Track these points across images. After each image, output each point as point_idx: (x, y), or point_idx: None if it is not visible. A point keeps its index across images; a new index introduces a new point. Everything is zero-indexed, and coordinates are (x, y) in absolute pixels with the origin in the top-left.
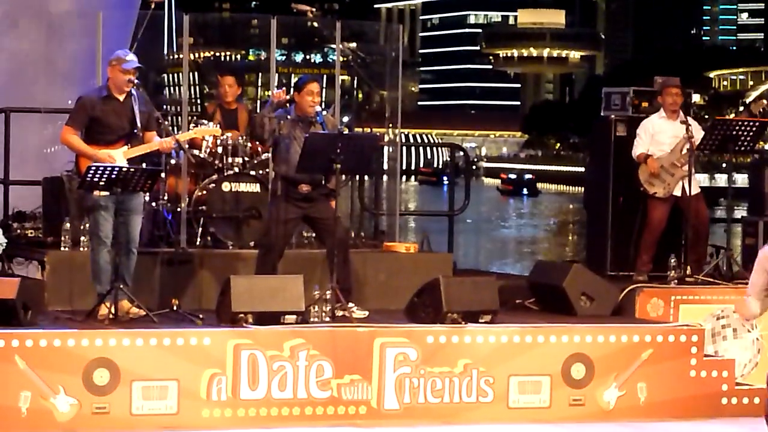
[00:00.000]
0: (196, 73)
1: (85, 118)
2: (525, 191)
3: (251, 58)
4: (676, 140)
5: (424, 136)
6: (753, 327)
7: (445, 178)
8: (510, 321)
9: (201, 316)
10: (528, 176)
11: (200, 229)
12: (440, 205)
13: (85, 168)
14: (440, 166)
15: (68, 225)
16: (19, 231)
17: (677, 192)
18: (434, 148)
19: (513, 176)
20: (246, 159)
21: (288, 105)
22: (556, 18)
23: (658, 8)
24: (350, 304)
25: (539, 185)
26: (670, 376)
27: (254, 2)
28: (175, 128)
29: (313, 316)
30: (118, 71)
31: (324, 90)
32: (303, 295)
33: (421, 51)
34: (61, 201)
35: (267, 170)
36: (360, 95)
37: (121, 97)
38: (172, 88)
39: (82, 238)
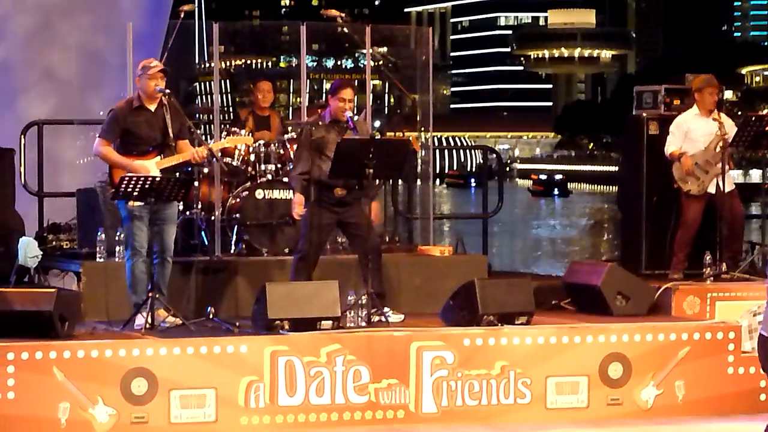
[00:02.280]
0: (227, 81)
1: (118, 129)
2: (556, 191)
3: (282, 65)
4: (710, 137)
5: (456, 139)
6: None
7: (472, 180)
8: (546, 322)
9: (237, 323)
10: (558, 177)
11: (234, 236)
12: (469, 207)
13: (119, 178)
14: (467, 169)
15: (103, 236)
16: (54, 243)
17: (712, 189)
18: (467, 151)
19: (544, 177)
20: (279, 166)
21: (320, 111)
22: (587, 18)
23: (689, 5)
24: (385, 309)
25: (570, 185)
26: (707, 373)
27: (284, 9)
28: (208, 137)
29: (349, 321)
30: (146, 79)
31: (356, 96)
32: (338, 301)
33: (452, 54)
34: (95, 212)
35: None
36: (391, 99)
37: (153, 107)
38: (203, 97)
39: (117, 249)
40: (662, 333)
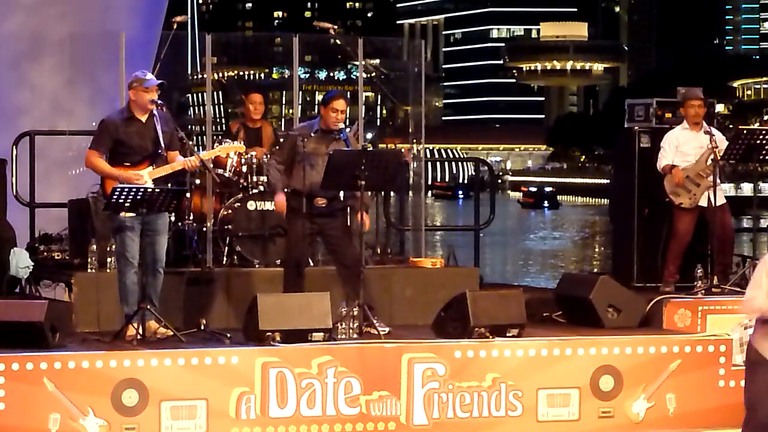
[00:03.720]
0: (219, 93)
1: (109, 140)
2: (546, 204)
3: (275, 76)
4: (701, 151)
5: (449, 151)
6: None
7: (459, 192)
8: (537, 334)
9: (228, 334)
10: (548, 189)
11: (226, 248)
12: (457, 218)
13: (111, 189)
14: (454, 181)
15: (95, 246)
16: (45, 253)
17: (703, 202)
18: (459, 163)
19: (533, 189)
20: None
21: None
22: (579, 30)
23: (681, 19)
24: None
25: (561, 197)
26: (698, 386)
27: (277, 21)
28: (200, 147)
29: (341, 333)
30: (141, 91)
31: (348, 106)
32: (330, 312)
33: (444, 66)
34: (87, 223)
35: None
36: (384, 111)
37: (144, 118)
38: (196, 108)
39: (109, 260)
40: (653, 346)
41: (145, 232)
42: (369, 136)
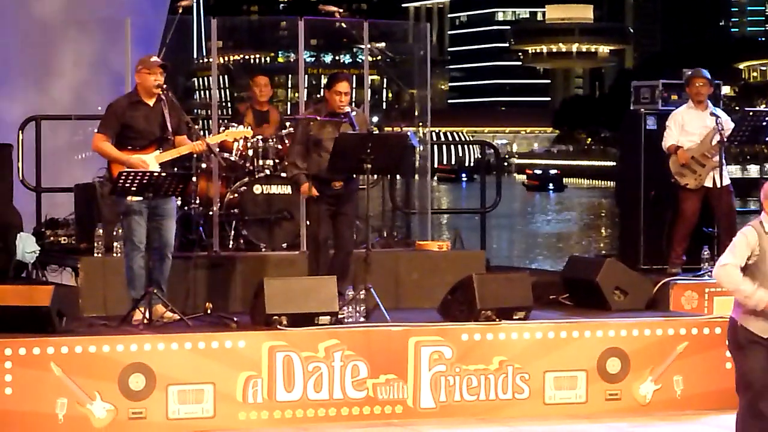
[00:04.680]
0: (225, 77)
1: (116, 124)
2: (551, 186)
3: (280, 60)
4: (706, 131)
5: (454, 134)
6: None
7: (463, 174)
8: (544, 317)
9: (235, 318)
10: (553, 171)
11: (233, 232)
12: (461, 201)
13: (117, 174)
14: (458, 164)
15: (101, 231)
16: (52, 238)
17: (708, 183)
18: (465, 146)
19: (539, 172)
20: (277, 161)
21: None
22: (585, 13)
23: (686, 1)
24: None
25: (566, 180)
26: (706, 368)
27: (282, 4)
28: (206, 132)
29: (347, 316)
30: (145, 74)
31: (353, 90)
32: (336, 296)
33: (450, 49)
34: (93, 207)
35: None
36: (389, 94)
37: (151, 102)
38: (202, 92)
39: (116, 244)
40: (660, 328)
41: (152, 217)
42: (375, 119)
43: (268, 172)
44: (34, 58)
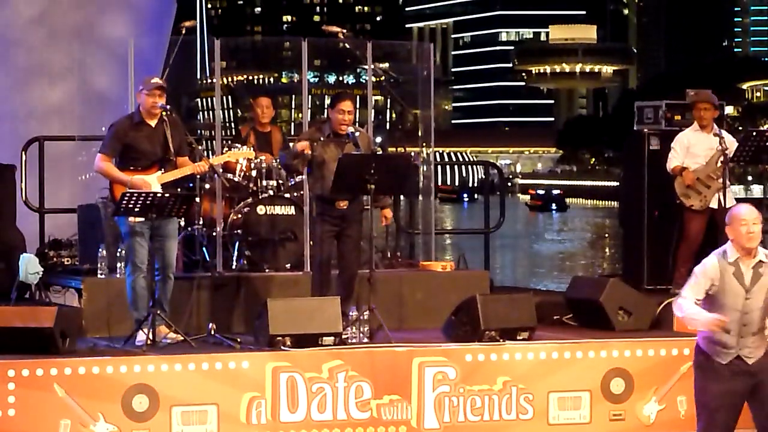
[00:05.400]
0: (229, 97)
1: (118, 144)
2: (554, 206)
3: (284, 80)
4: (711, 153)
5: (458, 155)
6: None
7: (464, 195)
8: (548, 337)
9: (239, 339)
10: (556, 192)
11: (236, 252)
12: (463, 221)
13: (120, 194)
14: (461, 184)
15: (104, 252)
16: (55, 259)
17: (714, 204)
18: (468, 166)
19: (541, 192)
20: (280, 182)
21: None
22: (588, 33)
23: (690, 20)
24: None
25: (569, 200)
26: None
27: (286, 25)
28: (209, 152)
29: (351, 337)
30: (145, 94)
31: (357, 110)
32: (340, 317)
33: (453, 69)
34: (96, 228)
35: (301, 192)
36: (393, 115)
37: (153, 123)
38: (205, 113)
39: (119, 265)
40: (664, 348)
41: (155, 237)
42: (378, 139)
43: (271, 192)
44: (37, 76)
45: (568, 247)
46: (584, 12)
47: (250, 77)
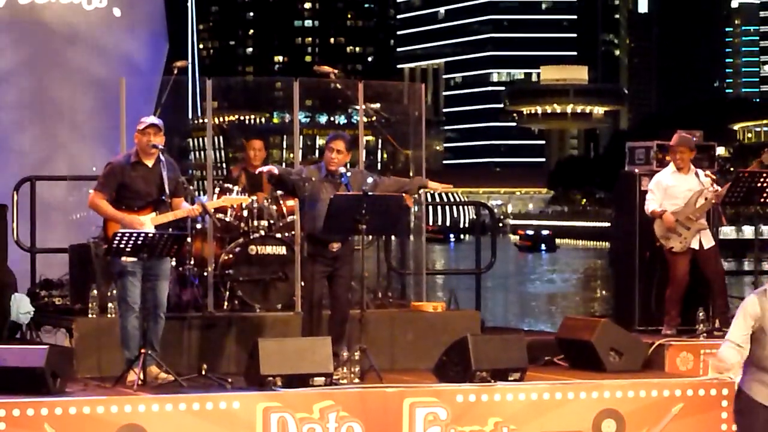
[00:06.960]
0: (220, 137)
1: (114, 183)
2: (543, 246)
3: (275, 120)
4: (689, 194)
5: (449, 195)
6: None
7: (451, 235)
8: (539, 378)
9: (230, 379)
10: (545, 232)
11: (227, 292)
12: (451, 262)
13: (112, 234)
14: (451, 224)
15: (95, 292)
16: (46, 299)
17: (694, 245)
18: (460, 207)
19: (530, 232)
20: (272, 222)
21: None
22: (579, 74)
23: (681, 61)
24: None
25: (559, 240)
26: (701, 430)
27: (277, 65)
28: (201, 192)
29: (342, 377)
30: (138, 134)
31: (348, 148)
32: (331, 357)
33: (445, 110)
34: (88, 268)
35: (293, 233)
36: (384, 155)
37: (150, 163)
38: (196, 153)
39: (110, 305)
40: (656, 389)
41: (147, 277)
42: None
43: (262, 232)
44: (28, 118)
45: (558, 287)
46: (576, 53)
47: (242, 117)
